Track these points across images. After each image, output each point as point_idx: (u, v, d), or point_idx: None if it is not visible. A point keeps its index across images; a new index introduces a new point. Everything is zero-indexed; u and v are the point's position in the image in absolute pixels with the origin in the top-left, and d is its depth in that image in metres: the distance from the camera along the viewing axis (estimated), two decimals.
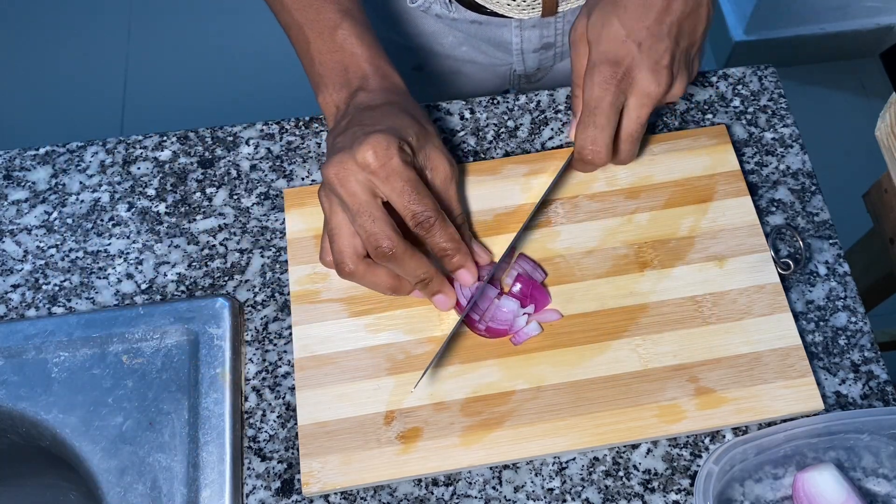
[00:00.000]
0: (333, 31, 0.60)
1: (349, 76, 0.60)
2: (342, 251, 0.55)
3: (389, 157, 0.53)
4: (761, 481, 0.57)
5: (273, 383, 0.61)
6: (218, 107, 1.85)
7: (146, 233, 0.66)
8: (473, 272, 0.59)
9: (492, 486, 0.57)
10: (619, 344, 0.59)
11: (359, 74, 0.59)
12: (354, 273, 0.56)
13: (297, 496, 0.57)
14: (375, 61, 0.60)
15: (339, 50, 0.60)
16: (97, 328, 0.61)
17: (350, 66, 0.60)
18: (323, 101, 0.61)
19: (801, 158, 0.68)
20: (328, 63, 0.60)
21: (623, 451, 0.58)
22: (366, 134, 0.54)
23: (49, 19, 2.04)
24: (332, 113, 0.60)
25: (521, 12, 0.76)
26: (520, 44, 0.81)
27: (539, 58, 0.83)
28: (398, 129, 0.55)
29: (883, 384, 0.60)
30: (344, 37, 0.60)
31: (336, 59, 0.60)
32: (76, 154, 0.70)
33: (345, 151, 0.54)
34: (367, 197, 0.54)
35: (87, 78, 1.95)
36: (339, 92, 0.60)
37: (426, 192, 0.55)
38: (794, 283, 0.63)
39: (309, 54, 0.61)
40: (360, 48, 0.60)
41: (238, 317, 0.62)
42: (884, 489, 0.57)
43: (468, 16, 0.78)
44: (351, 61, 0.60)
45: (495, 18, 0.78)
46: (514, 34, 0.80)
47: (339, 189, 0.54)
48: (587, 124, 0.59)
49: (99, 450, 0.58)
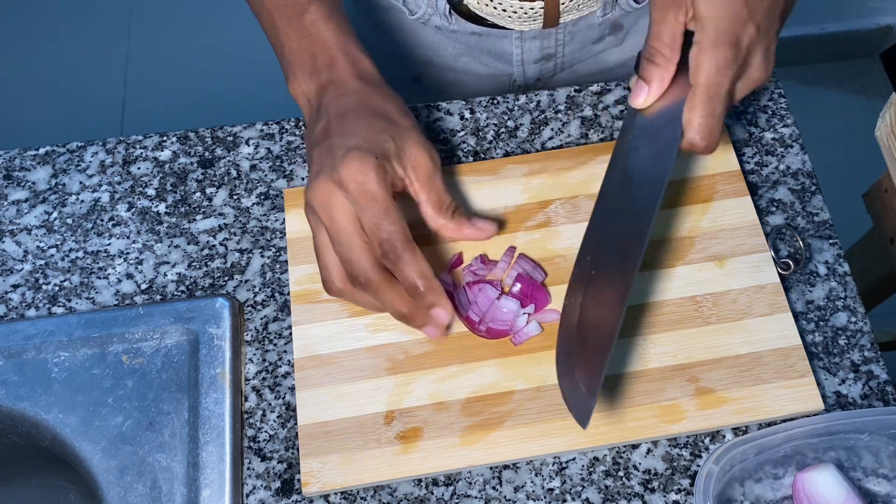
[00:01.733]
0: (301, 15, 0.58)
1: (317, 63, 0.58)
2: (328, 269, 0.54)
3: (364, 180, 0.52)
4: (761, 481, 0.57)
5: (273, 383, 0.61)
6: (218, 107, 1.85)
7: (146, 233, 0.66)
8: (448, 311, 0.54)
9: (492, 486, 0.57)
10: (619, 344, 0.59)
11: (327, 62, 0.57)
12: (342, 292, 0.55)
13: (297, 496, 0.57)
14: (344, 46, 0.58)
15: (307, 35, 0.58)
16: (97, 328, 0.61)
17: (318, 52, 0.58)
18: (293, 90, 0.59)
19: (801, 158, 0.68)
20: (297, 50, 0.58)
21: (623, 451, 0.58)
22: (343, 152, 0.53)
23: (49, 19, 2.04)
24: (305, 105, 0.59)
25: (521, 24, 0.76)
26: (520, 55, 0.80)
27: (540, 68, 0.82)
28: (373, 140, 0.54)
29: (883, 384, 0.60)
30: (311, 21, 0.58)
31: (304, 46, 0.58)
32: (76, 154, 0.70)
33: (324, 173, 0.53)
34: (346, 222, 0.52)
35: (87, 78, 1.95)
36: (309, 81, 0.58)
37: (397, 217, 0.52)
38: (794, 283, 0.63)
39: (279, 41, 0.59)
40: (328, 33, 0.58)
41: (238, 317, 0.62)
42: (884, 489, 0.57)
43: (468, 27, 0.77)
44: (319, 47, 0.58)
45: (495, 30, 0.77)
46: (514, 45, 0.79)
47: (320, 212, 0.53)
48: (704, 112, 0.53)
49: (99, 450, 0.58)
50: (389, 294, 0.53)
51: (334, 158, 0.53)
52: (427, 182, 0.56)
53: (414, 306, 0.54)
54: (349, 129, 0.54)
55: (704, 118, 0.53)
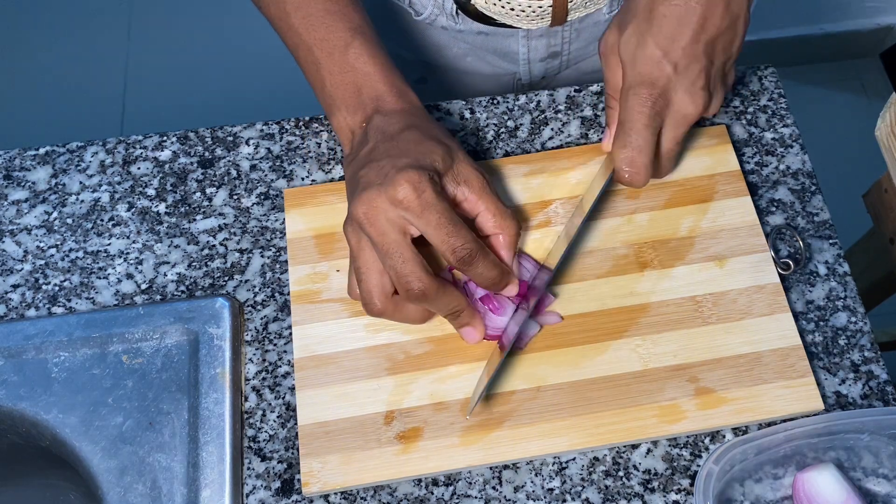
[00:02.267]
0: (345, 50, 0.58)
1: (363, 97, 0.58)
2: (370, 291, 0.54)
3: (423, 191, 0.52)
4: (761, 481, 0.57)
5: (273, 383, 0.61)
6: (218, 107, 1.85)
7: (146, 233, 0.66)
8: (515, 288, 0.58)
9: (492, 486, 0.57)
10: (619, 344, 0.59)
11: (373, 95, 0.58)
12: (384, 311, 0.55)
13: (297, 496, 0.57)
14: (390, 79, 0.58)
15: (350, 70, 0.58)
16: (97, 328, 0.61)
17: (363, 86, 0.58)
18: (336, 124, 0.59)
19: (801, 158, 0.68)
20: (340, 84, 0.58)
21: (623, 451, 0.58)
22: (397, 169, 0.53)
23: (49, 19, 2.04)
24: (347, 138, 0.59)
25: (530, 23, 0.75)
26: (527, 53, 0.80)
27: (545, 66, 0.82)
28: (425, 159, 0.54)
29: (883, 384, 0.60)
30: (356, 56, 0.58)
31: (348, 80, 0.58)
32: (76, 154, 0.70)
33: (374, 188, 0.53)
34: (398, 236, 0.53)
35: (87, 78, 1.95)
36: (354, 115, 0.58)
37: (462, 224, 0.54)
38: (794, 283, 0.63)
39: (319, 76, 0.59)
40: (372, 67, 0.58)
41: (238, 317, 0.62)
42: (884, 489, 0.57)
43: (475, 27, 0.77)
44: (364, 81, 0.58)
45: (502, 29, 0.77)
46: (521, 44, 0.79)
47: (369, 228, 0.53)
48: (624, 144, 0.58)
49: (99, 450, 0.58)
50: (444, 298, 0.55)
51: (385, 175, 0.53)
52: (482, 194, 0.56)
53: (465, 303, 0.57)
54: (399, 150, 0.55)
55: (623, 149, 0.58)
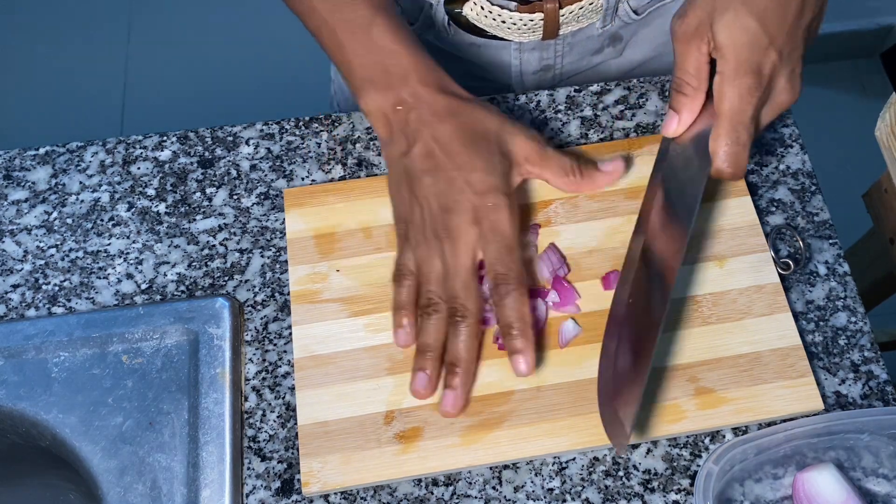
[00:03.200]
0: (368, 28, 0.56)
1: (390, 76, 0.56)
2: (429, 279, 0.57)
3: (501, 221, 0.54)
4: (761, 481, 0.57)
5: (273, 383, 0.61)
6: (218, 107, 1.85)
7: (146, 233, 0.66)
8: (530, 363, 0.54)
9: (492, 486, 0.57)
10: None
11: (401, 73, 0.56)
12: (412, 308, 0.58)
13: (297, 496, 0.57)
14: (416, 56, 0.57)
15: (376, 49, 0.56)
16: (97, 328, 0.61)
17: (390, 64, 0.56)
18: (366, 106, 0.57)
19: (801, 158, 0.68)
20: (366, 64, 0.56)
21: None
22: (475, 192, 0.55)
23: (49, 19, 2.04)
24: (380, 120, 0.58)
25: (521, 36, 0.75)
26: (519, 66, 0.80)
27: (538, 80, 0.82)
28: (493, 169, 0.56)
29: (883, 384, 0.60)
30: (380, 33, 0.56)
31: (374, 59, 0.56)
32: (76, 154, 0.70)
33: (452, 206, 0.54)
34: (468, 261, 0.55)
35: (87, 78, 1.95)
36: (384, 96, 0.56)
37: (515, 259, 0.55)
38: (794, 283, 0.63)
39: (345, 58, 0.57)
40: (397, 44, 0.56)
41: (238, 317, 0.62)
42: (884, 489, 0.57)
43: (466, 38, 0.77)
44: (390, 59, 0.56)
45: (494, 41, 0.77)
46: (513, 56, 0.78)
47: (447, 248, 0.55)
48: (729, 140, 0.55)
49: (99, 450, 0.58)
50: (457, 339, 0.56)
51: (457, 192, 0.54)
52: (542, 160, 0.57)
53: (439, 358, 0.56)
54: (464, 162, 0.55)
55: (730, 146, 0.54)
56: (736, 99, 0.54)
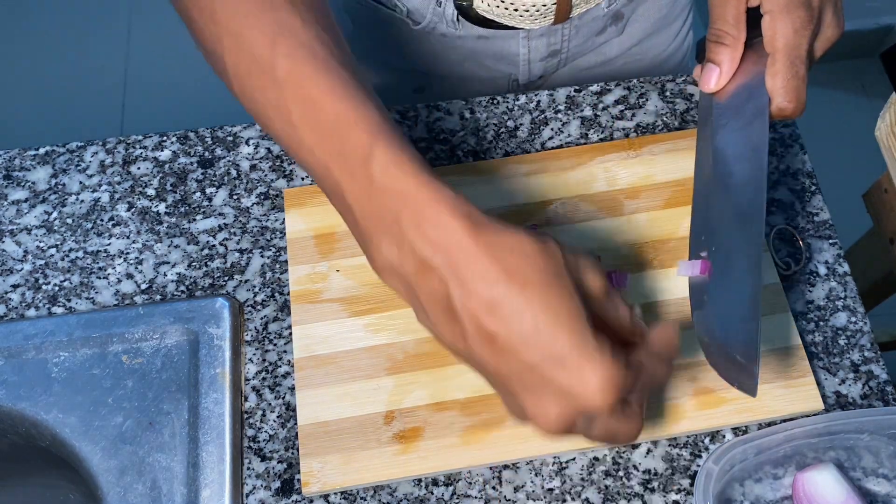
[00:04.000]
0: (366, 163, 0.42)
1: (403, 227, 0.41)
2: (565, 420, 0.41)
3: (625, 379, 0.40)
4: (761, 481, 0.57)
5: (273, 383, 0.61)
6: (218, 107, 1.84)
7: (146, 233, 0.66)
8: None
9: (492, 486, 0.57)
10: None
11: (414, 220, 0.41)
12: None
13: (297, 496, 0.57)
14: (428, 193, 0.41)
15: (380, 191, 0.42)
16: (97, 328, 0.61)
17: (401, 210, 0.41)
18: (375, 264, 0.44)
19: (801, 158, 0.68)
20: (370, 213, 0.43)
21: (623, 451, 0.58)
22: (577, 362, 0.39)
23: (49, 19, 2.04)
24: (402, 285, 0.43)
25: (533, 22, 0.75)
26: (527, 54, 0.80)
27: (545, 66, 0.82)
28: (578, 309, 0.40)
29: (883, 384, 0.60)
30: (381, 169, 0.42)
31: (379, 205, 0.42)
32: (76, 154, 0.70)
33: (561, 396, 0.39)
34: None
35: (87, 78, 1.95)
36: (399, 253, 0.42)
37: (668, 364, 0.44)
38: (794, 283, 0.63)
39: (344, 202, 0.43)
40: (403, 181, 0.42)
41: (238, 317, 0.62)
42: (884, 489, 0.57)
43: (475, 31, 0.77)
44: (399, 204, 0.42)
45: (503, 31, 0.77)
46: (521, 45, 0.79)
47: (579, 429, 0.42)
48: (788, 75, 0.53)
49: (99, 450, 0.58)
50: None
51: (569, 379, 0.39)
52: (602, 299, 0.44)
53: None
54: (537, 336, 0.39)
55: (790, 81, 0.53)
56: (791, 33, 0.53)
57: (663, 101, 0.71)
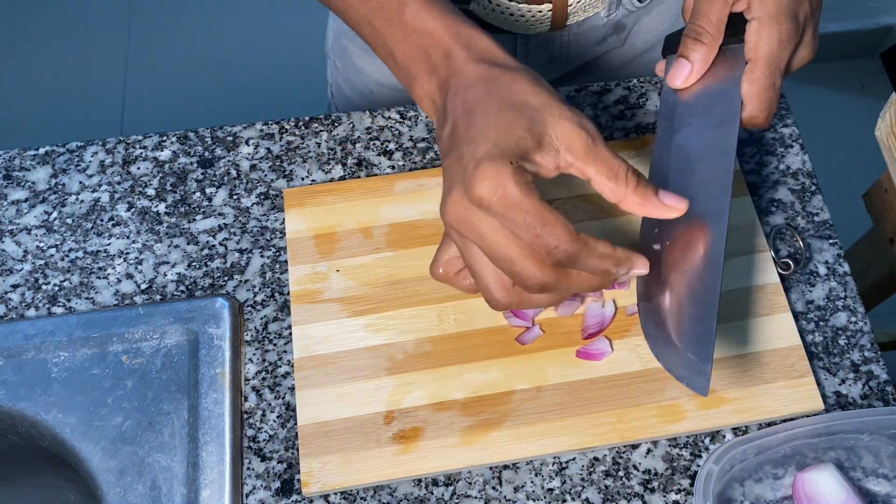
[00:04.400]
0: (401, 11, 0.53)
1: (432, 59, 0.52)
2: (489, 288, 0.49)
3: (502, 188, 0.46)
4: (761, 481, 0.57)
5: (273, 383, 0.61)
6: (218, 107, 1.85)
7: (146, 233, 0.66)
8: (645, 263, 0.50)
9: (492, 486, 0.57)
10: (619, 344, 0.59)
11: (442, 53, 0.52)
12: (511, 304, 0.50)
13: (296, 496, 0.57)
14: (455, 30, 0.52)
15: (413, 32, 0.53)
16: (97, 328, 0.61)
17: (429, 46, 0.52)
18: (416, 95, 0.54)
19: (801, 158, 0.68)
20: (407, 50, 0.53)
21: (623, 451, 0.58)
22: (474, 163, 0.46)
23: (49, 19, 2.04)
24: (430, 108, 0.54)
25: (528, 28, 0.75)
26: (525, 60, 0.79)
27: (543, 73, 0.82)
28: (506, 140, 0.47)
29: (883, 384, 0.60)
30: (413, 14, 0.53)
31: (413, 44, 0.53)
32: (76, 154, 0.70)
33: (456, 189, 0.47)
34: (499, 237, 0.47)
35: (87, 78, 1.95)
36: (430, 80, 0.52)
37: (555, 219, 0.46)
38: (794, 283, 0.63)
39: (386, 48, 0.54)
40: (433, 21, 0.52)
41: (238, 317, 0.62)
42: (884, 489, 0.57)
43: None
44: (429, 41, 0.52)
45: (500, 35, 0.76)
46: (519, 51, 0.78)
47: (466, 232, 0.48)
48: (765, 85, 0.53)
49: (99, 450, 0.58)
50: (575, 283, 0.49)
51: (465, 172, 0.47)
52: (588, 155, 0.49)
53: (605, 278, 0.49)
54: (477, 133, 0.48)
55: (766, 90, 0.53)
56: (776, 43, 0.53)
57: None
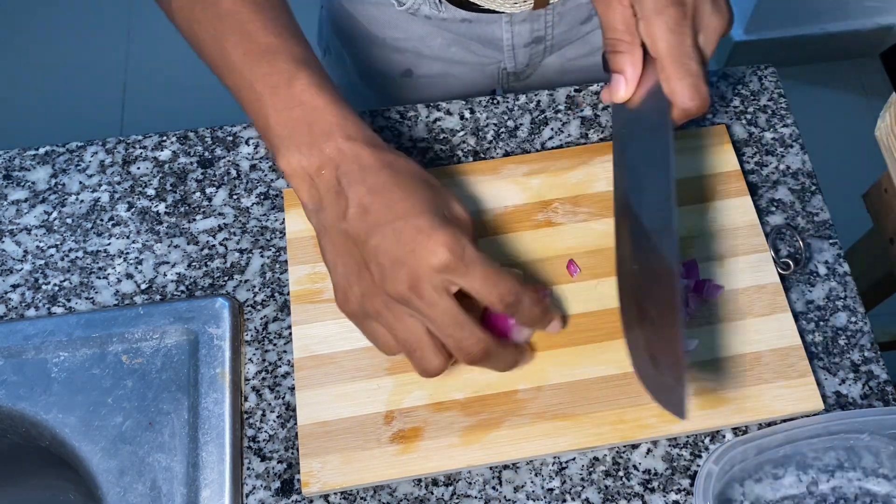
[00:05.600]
0: (290, 83, 0.51)
1: (314, 133, 0.50)
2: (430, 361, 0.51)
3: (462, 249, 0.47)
4: (761, 481, 0.57)
5: (273, 383, 0.61)
6: (218, 107, 1.84)
7: (146, 233, 0.66)
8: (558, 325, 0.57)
9: (492, 486, 0.57)
10: (619, 344, 0.59)
11: (325, 130, 0.50)
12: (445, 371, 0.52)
13: (296, 496, 0.57)
14: (342, 112, 0.51)
15: (298, 105, 0.51)
16: (97, 328, 0.61)
17: (314, 122, 0.51)
18: (287, 166, 0.51)
19: (801, 158, 0.68)
20: (286, 121, 0.51)
21: (623, 451, 0.58)
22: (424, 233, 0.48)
23: (49, 19, 2.04)
24: (304, 183, 0.51)
25: (513, 6, 0.76)
26: (511, 39, 0.80)
27: (530, 52, 0.83)
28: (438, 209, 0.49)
29: (883, 384, 0.60)
30: (303, 88, 0.51)
31: (295, 115, 0.51)
32: (76, 154, 0.70)
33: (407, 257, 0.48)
34: (448, 303, 0.48)
35: (87, 78, 1.95)
36: (307, 155, 0.50)
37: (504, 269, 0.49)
38: (794, 283, 0.63)
39: (263, 113, 0.52)
40: (321, 99, 0.51)
41: (238, 317, 0.62)
42: (884, 489, 0.57)
43: (458, 14, 0.77)
44: (315, 117, 0.51)
45: (486, 15, 0.77)
46: (504, 30, 0.79)
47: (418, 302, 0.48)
48: (680, 74, 0.53)
49: (99, 450, 0.58)
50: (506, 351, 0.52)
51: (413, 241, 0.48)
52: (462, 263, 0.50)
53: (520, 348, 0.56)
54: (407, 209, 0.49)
55: (683, 79, 0.53)
56: (668, 33, 0.53)
57: None
